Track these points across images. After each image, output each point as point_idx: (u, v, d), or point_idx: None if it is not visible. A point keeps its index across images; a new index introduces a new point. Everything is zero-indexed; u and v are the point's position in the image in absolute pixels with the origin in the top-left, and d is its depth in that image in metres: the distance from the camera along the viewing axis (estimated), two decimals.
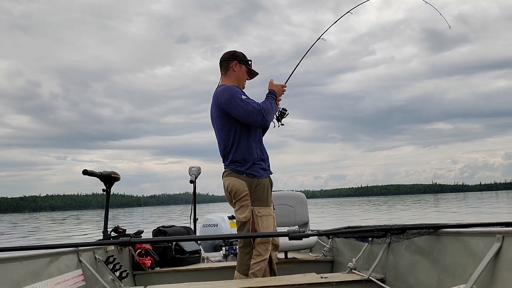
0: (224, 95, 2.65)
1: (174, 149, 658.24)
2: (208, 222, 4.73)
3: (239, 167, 2.66)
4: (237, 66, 2.80)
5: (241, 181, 2.64)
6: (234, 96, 2.61)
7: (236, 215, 2.71)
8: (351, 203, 52.14)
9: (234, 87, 2.70)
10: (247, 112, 2.58)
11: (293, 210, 4.02)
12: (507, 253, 1.48)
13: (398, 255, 2.36)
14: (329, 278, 2.43)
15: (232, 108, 2.61)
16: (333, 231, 2.25)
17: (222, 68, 2.84)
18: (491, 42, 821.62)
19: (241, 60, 2.82)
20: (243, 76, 2.83)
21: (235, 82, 2.80)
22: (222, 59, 2.84)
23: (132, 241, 2.02)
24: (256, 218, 2.61)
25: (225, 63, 2.82)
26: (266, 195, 2.70)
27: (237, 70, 2.80)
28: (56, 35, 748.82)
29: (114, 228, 3.40)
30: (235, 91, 2.64)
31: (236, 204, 2.69)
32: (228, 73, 2.81)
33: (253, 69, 2.88)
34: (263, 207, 2.65)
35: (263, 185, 2.68)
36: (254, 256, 2.60)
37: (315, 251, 4.02)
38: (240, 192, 2.63)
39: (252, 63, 2.87)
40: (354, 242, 3.07)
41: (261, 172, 2.70)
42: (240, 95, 2.63)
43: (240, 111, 2.59)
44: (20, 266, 1.92)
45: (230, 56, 2.82)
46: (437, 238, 1.97)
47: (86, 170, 3.20)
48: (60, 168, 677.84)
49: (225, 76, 2.82)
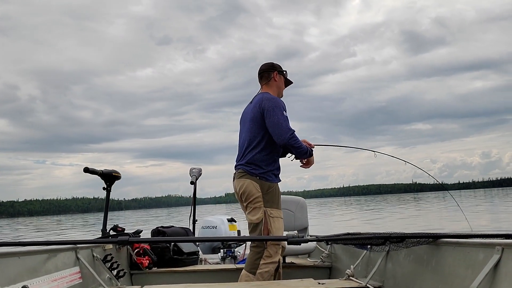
0: (271, 102, 2.80)
1: (156, 152, 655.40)
2: (207, 224, 4.72)
3: (254, 169, 2.77)
4: (277, 76, 2.98)
5: (254, 183, 2.74)
6: (279, 107, 2.78)
7: (248, 217, 2.78)
8: (331, 203, 52.37)
9: (282, 101, 2.88)
10: (279, 124, 2.72)
11: (293, 215, 4.01)
12: (506, 265, 1.47)
13: (396, 263, 2.35)
14: (326, 284, 2.42)
15: (271, 115, 2.74)
16: (332, 237, 2.25)
17: (263, 79, 3.00)
18: (468, 44, 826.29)
19: (280, 71, 3.01)
20: (283, 85, 3.04)
21: (276, 91, 2.98)
22: (262, 69, 3.02)
23: (131, 240, 2.02)
24: (269, 219, 2.70)
25: (266, 74, 2.99)
26: (277, 199, 2.82)
27: (278, 80, 2.99)
28: (34, 37, 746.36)
29: (113, 226, 3.41)
30: (282, 105, 2.82)
31: (248, 206, 2.77)
32: (270, 83, 2.98)
33: (288, 78, 3.07)
34: (275, 209, 2.76)
35: (275, 188, 2.82)
36: (264, 256, 2.67)
37: (314, 257, 4.01)
38: (253, 193, 2.73)
39: (287, 73, 3.06)
40: (353, 249, 3.06)
41: (273, 177, 2.84)
42: (284, 111, 2.79)
43: (275, 119, 2.73)
44: (17, 262, 1.92)
45: (270, 67, 3.00)
46: (436, 248, 1.97)
47: (87, 167, 3.20)
48: (39, 172, 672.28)
49: (266, 85, 2.99)
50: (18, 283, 1.85)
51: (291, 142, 2.72)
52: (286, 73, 3.07)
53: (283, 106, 2.83)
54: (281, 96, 3.04)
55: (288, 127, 2.73)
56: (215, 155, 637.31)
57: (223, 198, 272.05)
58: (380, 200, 60.67)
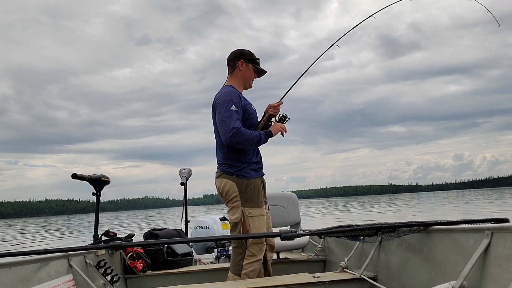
0: (220, 98, 2.65)
1: (133, 153, 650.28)
2: (199, 224, 4.71)
3: (229, 168, 2.68)
4: (243, 65, 2.76)
5: (231, 182, 2.65)
6: (226, 101, 2.59)
7: (228, 216, 2.73)
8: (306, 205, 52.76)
9: (234, 93, 2.66)
10: (222, 123, 2.57)
11: (285, 211, 4.03)
12: (495, 249, 1.50)
13: (389, 253, 2.38)
14: (321, 277, 2.44)
15: (218, 113, 2.62)
16: (324, 230, 2.26)
17: (229, 68, 2.80)
18: (442, 49, 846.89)
19: (248, 58, 2.77)
20: (250, 75, 2.80)
21: (241, 81, 2.78)
22: (229, 58, 2.80)
23: (123, 245, 2.00)
24: (247, 219, 2.62)
25: (231, 63, 2.78)
26: (257, 196, 2.70)
27: (244, 70, 2.76)
28: (8, 36, 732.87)
29: (105, 232, 3.38)
30: (230, 98, 2.61)
31: (228, 205, 2.71)
32: (234, 72, 2.77)
33: (261, 67, 2.83)
34: (254, 208, 2.66)
35: (254, 185, 2.69)
36: (247, 256, 2.61)
37: (307, 251, 4.04)
38: (231, 193, 2.65)
39: (260, 61, 2.82)
40: (346, 241, 3.08)
41: (252, 173, 2.71)
42: (232, 105, 2.58)
43: (219, 118, 2.59)
44: (9, 273, 1.89)
45: (236, 55, 2.78)
46: (427, 236, 1.99)
47: (75, 174, 3.16)
48: (11, 173, 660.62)
49: (231, 75, 2.79)
50: None
51: (234, 141, 2.54)
52: (259, 61, 2.81)
53: (232, 99, 2.60)
54: (248, 87, 2.82)
55: (232, 126, 2.53)
56: (194, 156, 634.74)
57: (201, 200, 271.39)
58: (356, 200, 61.31)
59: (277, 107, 2.79)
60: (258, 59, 2.81)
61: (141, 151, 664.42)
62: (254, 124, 2.78)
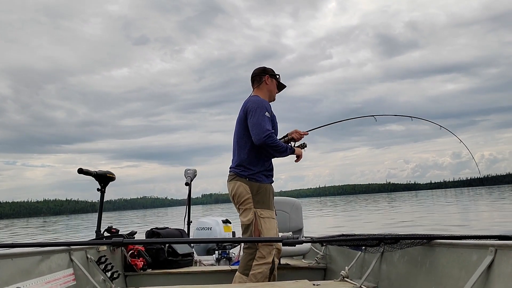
0: (255, 103, 2.85)
1: (131, 153, 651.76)
2: (202, 225, 4.71)
3: (243, 171, 2.82)
4: (269, 80, 3.05)
5: (244, 185, 2.79)
6: (261, 107, 2.81)
7: (240, 219, 2.82)
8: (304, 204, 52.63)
9: (267, 102, 2.93)
10: (257, 124, 2.76)
11: (288, 216, 4.01)
12: (499, 266, 1.48)
13: (391, 264, 2.36)
14: (321, 285, 2.42)
15: (252, 115, 2.80)
16: (326, 238, 2.25)
17: (255, 82, 3.08)
18: (439, 47, 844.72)
19: (272, 74, 3.07)
20: (274, 89, 3.09)
21: (267, 94, 3.05)
22: (254, 74, 3.09)
23: (125, 242, 2.01)
24: (259, 220, 2.73)
25: (257, 78, 3.07)
26: (268, 199, 2.84)
27: (269, 83, 3.06)
28: (6, 35, 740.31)
29: (107, 228, 3.39)
30: (264, 106, 2.85)
31: (239, 208, 2.82)
32: (261, 86, 3.05)
33: (281, 82, 3.13)
34: (266, 209, 2.78)
35: (266, 189, 2.84)
36: (257, 257, 2.69)
37: (308, 258, 4.01)
38: (243, 195, 2.78)
39: (280, 77, 3.11)
40: (348, 250, 3.06)
41: (264, 178, 2.86)
42: (266, 112, 2.81)
43: (255, 119, 2.78)
44: (10, 264, 1.91)
45: (262, 71, 3.08)
46: (430, 249, 1.97)
47: (81, 168, 3.18)
48: (9, 173, 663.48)
49: (257, 89, 3.07)
50: (11, 285, 1.83)
51: (267, 142, 2.74)
52: (279, 77, 3.12)
53: (266, 107, 2.86)
54: (272, 99, 3.09)
55: (266, 128, 2.75)
56: (192, 156, 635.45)
57: (199, 200, 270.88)
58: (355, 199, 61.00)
59: (303, 135, 3.12)
60: (279, 75, 3.12)
61: (139, 151, 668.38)
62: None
